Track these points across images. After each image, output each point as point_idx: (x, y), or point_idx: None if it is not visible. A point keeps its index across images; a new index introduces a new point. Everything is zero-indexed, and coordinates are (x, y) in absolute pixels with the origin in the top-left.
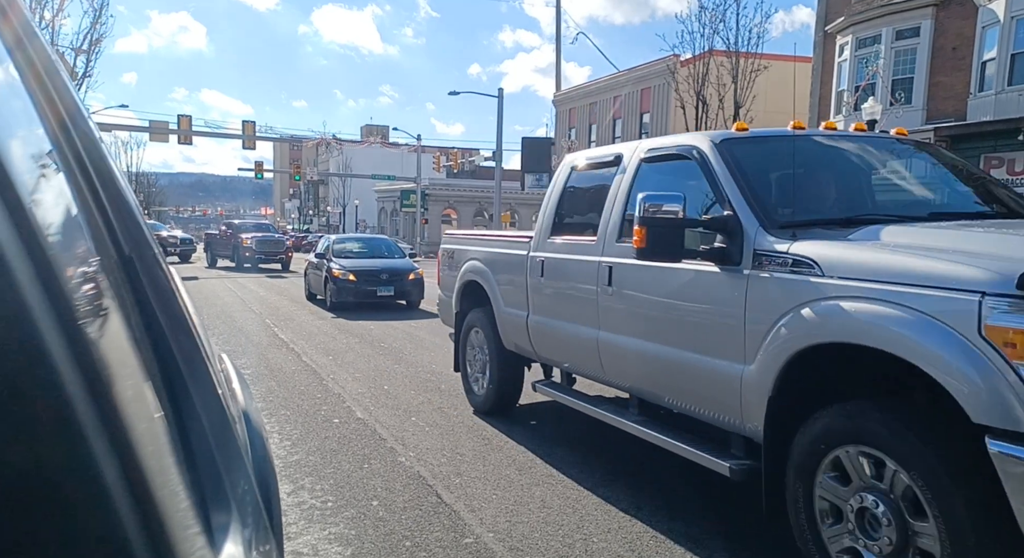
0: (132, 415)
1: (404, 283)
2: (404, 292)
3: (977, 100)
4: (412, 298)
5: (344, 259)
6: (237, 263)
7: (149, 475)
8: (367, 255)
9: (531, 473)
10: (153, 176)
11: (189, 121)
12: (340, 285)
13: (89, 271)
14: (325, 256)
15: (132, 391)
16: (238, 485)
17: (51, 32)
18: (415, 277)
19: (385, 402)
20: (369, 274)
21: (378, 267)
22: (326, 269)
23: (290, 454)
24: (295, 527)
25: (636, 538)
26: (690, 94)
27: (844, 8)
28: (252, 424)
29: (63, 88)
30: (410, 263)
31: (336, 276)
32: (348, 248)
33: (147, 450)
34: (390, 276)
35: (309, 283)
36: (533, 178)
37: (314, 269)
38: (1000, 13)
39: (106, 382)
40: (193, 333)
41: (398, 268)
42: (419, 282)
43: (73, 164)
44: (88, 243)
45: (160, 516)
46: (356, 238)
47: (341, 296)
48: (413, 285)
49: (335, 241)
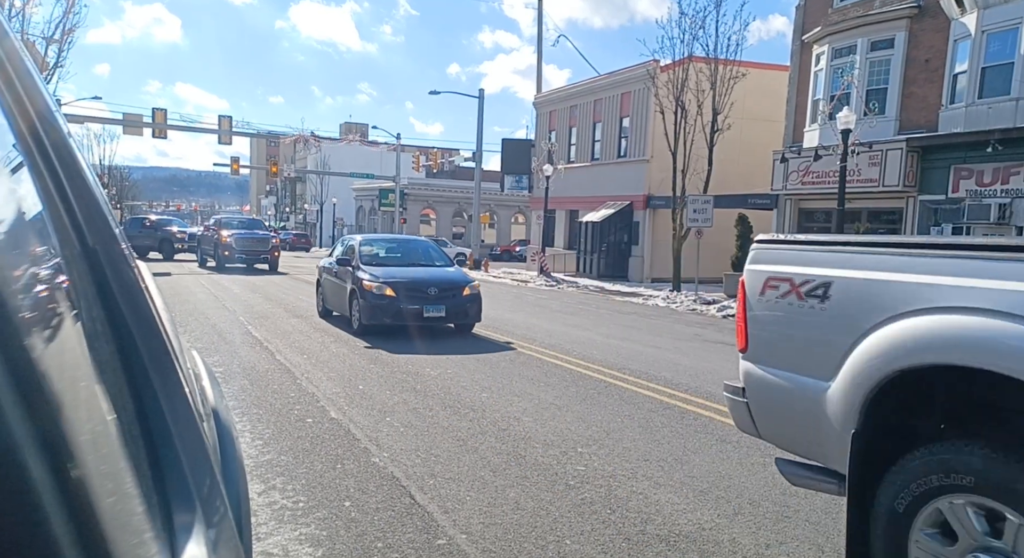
0: (80, 418)
1: (458, 300)
2: (458, 312)
3: (949, 112)
4: (468, 320)
5: (376, 267)
6: (218, 263)
7: (93, 481)
8: (405, 262)
9: (505, 475)
10: (126, 169)
11: (164, 115)
12: (374, 302)
13: (49, 263)
14: (350, 262)
15: (83, 392)
16: (203, 485)
17: (22, 20)
18: (471, 292)
19: (360, 402)
20: (413, 288)
21: (423, 278)
22: (352, 279)
23: (261, 453)
24: (265, 527)
25: (609, 541)
26: (669, 100)
27: (821, 18)
28: (222, 422)
29: (28, 79)
30: (463, 274)
31: (368, 290)
32: (379, 252)
33: (96, 454)
34: (440, 291)
35: (324, 296)
36: (512, 179)
37: (332, 277)
38: (971, 27)
39: (52, 382)
40: (160, 329)
41: (449, 280)
42: (476, 299)
43: (37, 155)
44: (50, 235)
45: (101, 524)
46: (388, 239)
47: (374, 317)
48: (470, 303)
49: (363, 242)
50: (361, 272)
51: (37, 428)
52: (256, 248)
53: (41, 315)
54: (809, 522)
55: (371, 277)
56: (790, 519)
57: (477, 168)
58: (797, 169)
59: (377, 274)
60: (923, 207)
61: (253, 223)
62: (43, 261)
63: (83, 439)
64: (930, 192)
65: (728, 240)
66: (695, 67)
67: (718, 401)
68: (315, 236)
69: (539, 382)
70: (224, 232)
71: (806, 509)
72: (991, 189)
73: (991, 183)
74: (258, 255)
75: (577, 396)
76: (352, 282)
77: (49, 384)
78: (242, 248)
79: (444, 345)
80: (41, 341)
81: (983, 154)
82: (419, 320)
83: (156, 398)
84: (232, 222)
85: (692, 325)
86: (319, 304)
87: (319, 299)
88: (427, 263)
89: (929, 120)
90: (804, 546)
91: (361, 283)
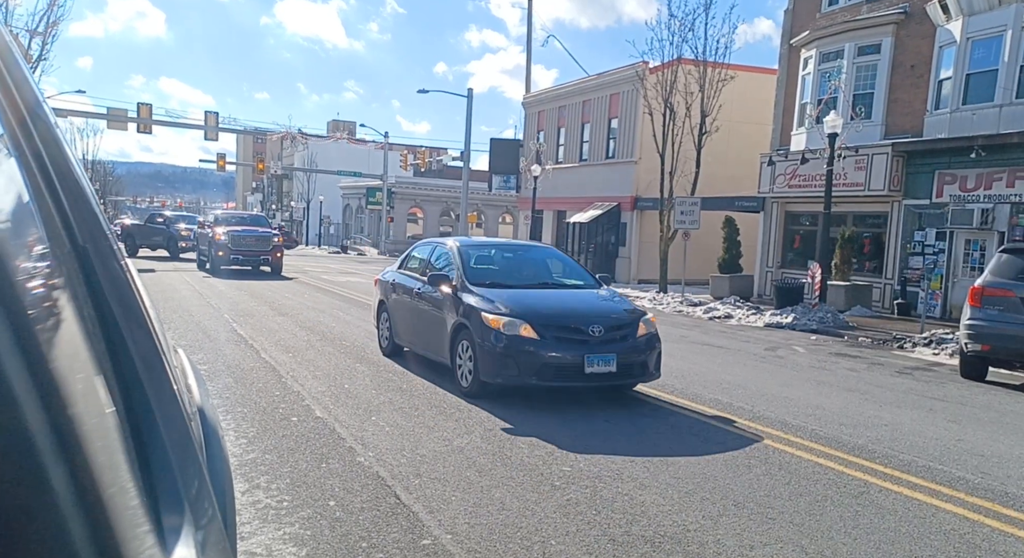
0: (81, 410)
1: (632, 344)
2: (634, 364)
3: (933, 117)
4: (645, 376)
5: (493, 288)
6: (212, 266)
7: (97, 472)
8: (531, 280)
9: (491, 475)
10: (110, 164)
11: (149, 110)
12: (502, 348)
13: (40, 261)
14: (448, 279)
15: (82, 385)
16: (192, 486)
17: (5, 12)
18: (647, 331)
19: (345, 401)
20: (564, 326)
21: (577, 310)
22: (456, 307)
23: (246, 452)
24: (249, 527)
25: (594, 541)
26: (658, 101)
27: (809, 22)
28: (208, 421)
29: (17, 71)
30: (625, 300)
31: (491, 327)
32: (493, 266)
33: (96, 446)
34: (606, 331)
35: (394, 326)
36: (500, 179)
37: (412, 300)
38: (957, 34)
39: (54, 375)
40: (148, 326)
41: (613, 313)
42: (654, 342)
43: (27, 150)
44: (40, 232)
45: (107, 515)
46: (500, 245)
47: (502, 371)
48: (647, 349)
49: (466, 249)
50: (471, 296)
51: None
52: (255, 248)
53: (32, 312)
54: (793, 523)
55: (492, 306)
56: (774, 521)
57: (465, 167)
58: (784, 172)
59: (501, 301)
60: (908, 211)
61: (255, 219)
62: (33, 258)
63: (84, 434)
64: (915, 197)
65: (715, 242)
66: (684, 69)
67: (704, 402)
68: (301, 234)
69: None
70: (219, 229)
71: (790, 511)
72: (974, 194)
73: (974, 189)
74: (258, 256)
75: (564, 397)
76: (458, 312)
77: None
78: (239, 248)
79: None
80: (33, 339)
81: (967, 160)
82: (578, 378)
83: (145, 396)
84: (231, 219)
85: (678, 326)
86: (384, 337)
87: (383, 329)
88: (560, 282)
89: (914, 125)
90: (788, 547)
91: (477, 316)
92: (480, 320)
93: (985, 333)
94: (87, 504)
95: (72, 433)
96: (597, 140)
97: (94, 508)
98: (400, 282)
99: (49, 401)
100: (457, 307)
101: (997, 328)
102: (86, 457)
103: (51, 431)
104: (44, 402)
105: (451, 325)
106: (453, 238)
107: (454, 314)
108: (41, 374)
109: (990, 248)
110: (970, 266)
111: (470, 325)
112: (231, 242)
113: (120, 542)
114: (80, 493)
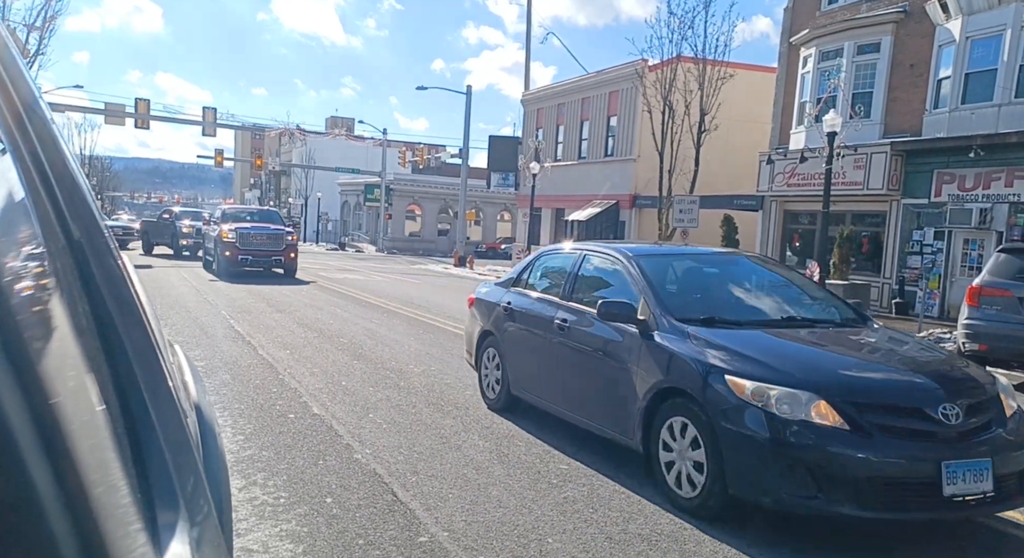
0: (70, 408)
1: (1006, 436)
2: (1012, 474)
3: (932, 116)
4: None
5: (715, 329)
6: (217, 268)
7: (84, 470)
8: (761, 316)
9: (488, 473)
10: (107, 160)
11: (147, 105)
12: (797, 446)
13: (33, 255)
14: (630, 315)
15: (72, 383)
16: (188, 483)
17: (2, 7)
18: (1015, 409)
19: (342, 398)
20: (892, 407)
21: (899, 376)
22: (660, 363)
23: (242, 449)
24: (246, 523)
25: (591, 539)
26: (657, 99)
27: (808, 21)
28: (204, 417)
29: (13, 67)
30: (942, 351)
31: (755, 405)
32: (691, 292)
33: (84, 444)
34: (964, 415)
35: (513, 374)
36: (499, 177)
37: (549, 333)
38: (956, 33)
39: (42, 373)
40: (144, 322)
41: (959, 379)
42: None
43: (22, 146)
44: (35, 227)
45: (94, 513)
46: (681, 254)
47: (784, 484)
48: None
49: (639, 260)
50: (684, 343)
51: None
52: (267, 247)
53: (22, 308)
54: (790, 523)
55: (738, 363)
56: (772, 520)
57: (464, 165)
58: (783, 171)
59: (751, 353)
60: (906, 210)
61: (266, 215)
62: (27, 253)
63: (72, 431)
64: (913, 196)
65: (713, 240)
66: (683, 67)
67: None
68: (299, 231)
69: None
70: (226, 226)
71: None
72: (973, 194)
73: (973, 188)
74: (269, 257)
75: None
76: (659, 366)
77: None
78: (248, 247)
79: None
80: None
81: (966, 159)
82: (931, 505)
83: (140, 393)
84: (239, 214)
85: None
86: (491, 386)
87: (490, 373)
88: (811, 317)
89: (913, 125)
90: (785, 548)
91: (711, 378)
92: (722, 386)
93: (983, 333)
94: (73, 503)
95: (60, 431)
96: (596, 138)
97: (81, 507)
98: (524, 308)
99: (36, 399)
100: (655, 358)
101: (995, 328)
102: (73, 455)
103: (37, 429)
104: (31, 400)
105: (645, 388)
106: (613, 245)
107: (650, 369)
108: (29, 371)
109: (988, 248)
110: (968, 266)
111: (692, 391)
112: (240, 241)
113: (108, 541)
114: (66, 492)
